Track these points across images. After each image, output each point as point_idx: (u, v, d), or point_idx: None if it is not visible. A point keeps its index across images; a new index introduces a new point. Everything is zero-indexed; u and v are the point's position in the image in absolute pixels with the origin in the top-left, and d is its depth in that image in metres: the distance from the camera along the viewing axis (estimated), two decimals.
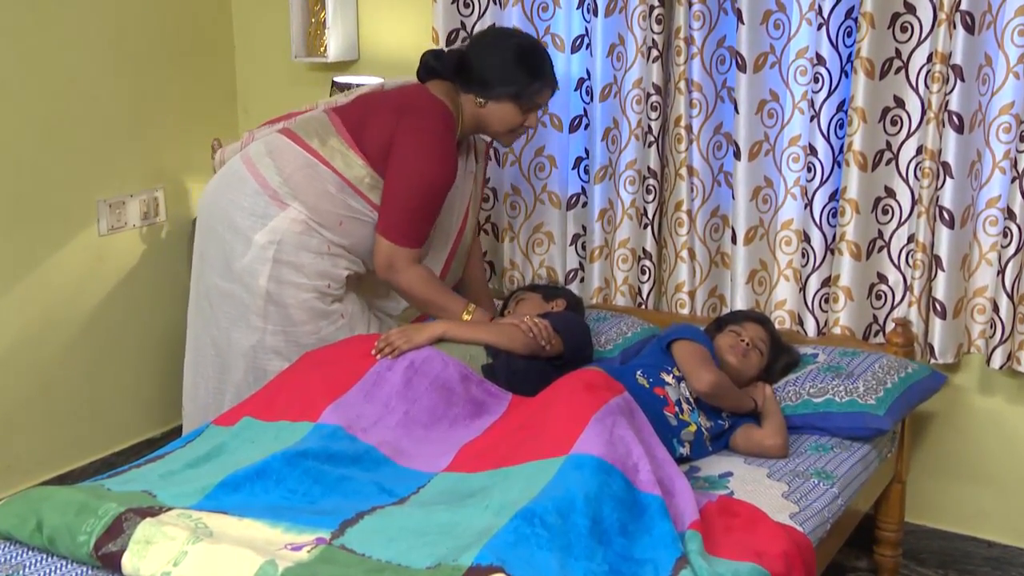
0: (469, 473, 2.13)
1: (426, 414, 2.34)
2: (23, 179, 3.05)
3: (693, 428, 2.40)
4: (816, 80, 2.75)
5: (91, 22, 3.17)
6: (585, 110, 3.09)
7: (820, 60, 2.73)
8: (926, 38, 2.67)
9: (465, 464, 2.17)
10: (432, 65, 2.70)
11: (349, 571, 1.77)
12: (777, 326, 2.89)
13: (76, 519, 1.90)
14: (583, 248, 3.18)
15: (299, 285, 2.60)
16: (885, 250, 2.82)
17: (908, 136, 2.74)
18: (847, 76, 2.75)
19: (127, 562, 1.83)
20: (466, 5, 3.10)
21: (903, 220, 2.79)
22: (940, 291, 2.69)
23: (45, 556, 1.92)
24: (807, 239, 2.85)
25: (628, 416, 2.15)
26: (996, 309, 2.67)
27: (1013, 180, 2.61)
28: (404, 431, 2.30)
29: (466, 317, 2.62)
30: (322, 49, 3.40)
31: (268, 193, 2.60)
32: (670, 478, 2.07)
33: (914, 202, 2.76)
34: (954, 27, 2.56)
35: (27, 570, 1.88)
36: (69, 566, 1.89)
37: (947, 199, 2.64)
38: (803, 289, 2.89)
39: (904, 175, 2.77)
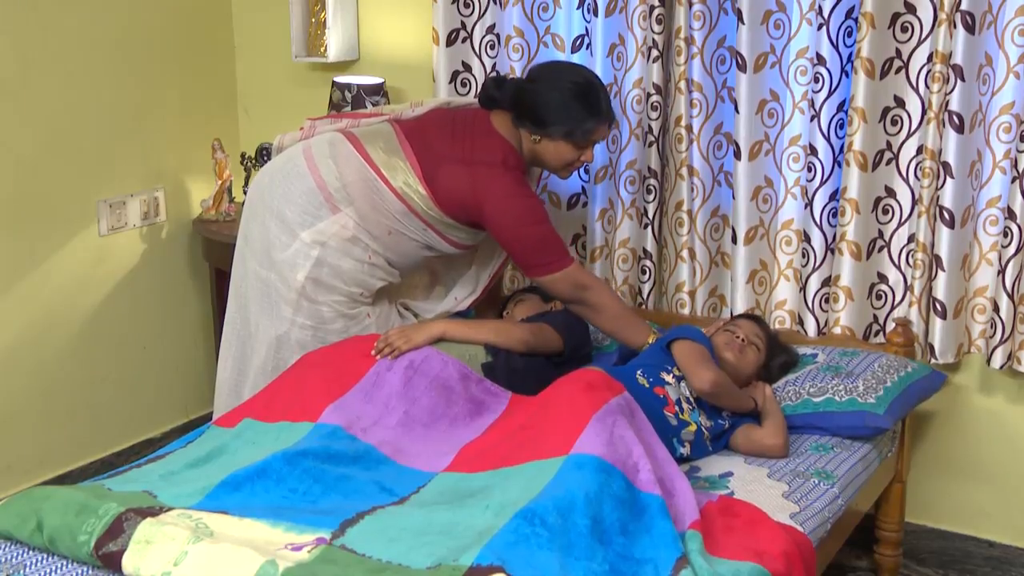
0: (469, 473, 2.13)
1: (426, 414, 2.35)
2: (24, 179, 3.06)
3: (693, 428, 2.40)
4: (816, 80, 2.75)
5: (91, 22, 3.17)
6: None
7: (820, 60, 2.73)
8: (926, 38, 2.67)
9: (466, 464, 2.17)
10: (493, 95, 2.69)
11: (349, 571, 1.77)
12: (777, 326, 2.90)
13: (76, 519, 1.90)
14: (583, 248, 3.18)
15: (334, 288, 2.61)
16: (885, 250, 2.82)
17: (908, 136, 2.74)
18: (847, 76, 2.75)
19: (127, 562, 1.83)
20: (466, 5, 3.10)
21: (903, 220, 2.79)
22: (940, 291, 2.69)
23: (46, 556, 1.92)
24: (807, 239, 2.85)
25: (628, 416, 2.15)
26: (996, 309, 2.67)
27: (1013, 180, 2.61)
28: (404, 431, 2.30)
29: (651, 339, 2.58)
30: (322, 49, 3.40)
31: (324, 195, 2.60)
32: (670, 478, 2.07)
33: (914, 202, 2.76)
34: (954, 27, 2.56)
35: (27, 570, 1.88)
36: (69, 566, 1.89)
37: (947, 199, 2.64)
38: (803, 289, 2.89)
39: (904, 175, 2.77)
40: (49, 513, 1.93)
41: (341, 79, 3.27)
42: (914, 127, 2.73)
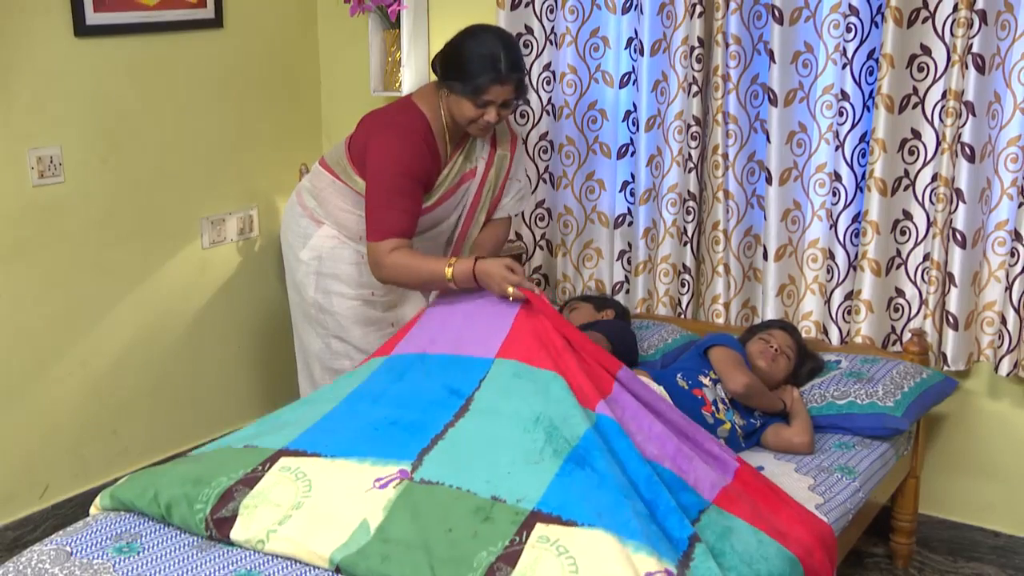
0: (527, 365, 2.14)
1: (467, 303, 2.37)
2: (140, 199, 3.13)
3: (728, 426, 2.42)
4: (841, 114, 2.76)
5: (199, 65, 3.23)
6: (631, 139, 3.12)
7: (844, 96, 2.74)
8: (941, 77, 2.67)
9: (516, 350, 2.18)
10: (435, 66, 2.59)
11: (432, 509, 1.84)
12: (804, 335, 2.90)
13: (194, 489, 1.97)
14: (629, 263, 3.20)
15: (343, 294, 2.66)
16: (903, 267, 2.81)
17: (924, 165, 2.74)
18: (869, 110, 2.76)
19: (239, 525, 1.90)
20: (525, 45, 3.13)
21: (919, 240, 2.79)
22: (953, 305, 2.69)
23: (161, 526, 1.98)
24: (832, 256, 2.86)
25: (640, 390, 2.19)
26: (1004, 322, 2.66)
27: (1020, 205, 2.60)
28: (455, 325, 2.32)
29: (448, 271, 2.34)
30: (397, 84, 3.45)
31: (308, 214, 2.70)
32: (691, 450, 2.09)
33: (929, 224, 2.76)
34: (966, 67, 2.56)
35: (144, 539, 1.94)
36: (180, 536, 1.95)
37: (959, 222, 2.64)
38: (828, 302, 2.89)
39: (920, 200, 2.77)
40: (167, 485, 2.00)
41: None
42: (929, 157, 2.73)
